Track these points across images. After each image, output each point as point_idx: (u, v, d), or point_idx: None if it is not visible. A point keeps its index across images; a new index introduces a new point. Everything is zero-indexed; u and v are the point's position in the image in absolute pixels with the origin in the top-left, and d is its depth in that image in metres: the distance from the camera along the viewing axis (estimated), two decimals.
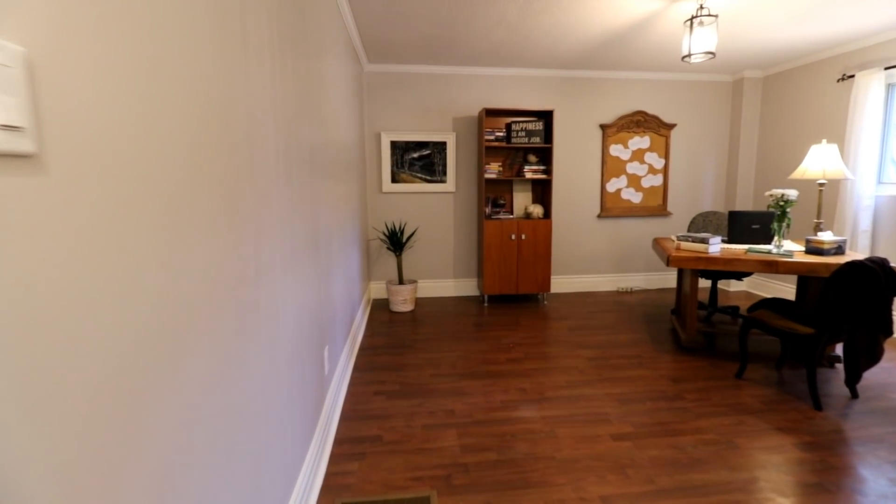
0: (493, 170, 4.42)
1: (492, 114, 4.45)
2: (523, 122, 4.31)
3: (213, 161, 0.93)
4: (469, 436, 2.15)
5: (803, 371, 2.93)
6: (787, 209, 2.96)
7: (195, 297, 0.84)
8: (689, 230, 4.11)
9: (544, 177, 4.40)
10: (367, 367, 2.95)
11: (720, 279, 3.94)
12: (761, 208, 4.84)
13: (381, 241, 4.56)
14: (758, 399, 2.56)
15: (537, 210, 4.45)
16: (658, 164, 4.92)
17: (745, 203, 4.96)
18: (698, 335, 3.23)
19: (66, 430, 0.52)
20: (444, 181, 4.61)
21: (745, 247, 3.24)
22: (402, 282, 4.25)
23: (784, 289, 4.57)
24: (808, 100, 4.26)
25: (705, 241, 3.04)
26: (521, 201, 4.67)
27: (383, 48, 3.90)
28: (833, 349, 3.05)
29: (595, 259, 5.01)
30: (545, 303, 4.54)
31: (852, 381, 2.47)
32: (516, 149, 4.58)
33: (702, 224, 4.11)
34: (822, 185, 3.22)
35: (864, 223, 3.67)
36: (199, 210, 0.86)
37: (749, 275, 4.02)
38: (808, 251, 3.01)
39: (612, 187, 4.89)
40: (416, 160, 4.55)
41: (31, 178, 0.49)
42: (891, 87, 3.66)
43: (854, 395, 2.59)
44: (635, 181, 4.92)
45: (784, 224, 2.98)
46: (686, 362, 3.06)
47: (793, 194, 2.92)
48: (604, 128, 4.77)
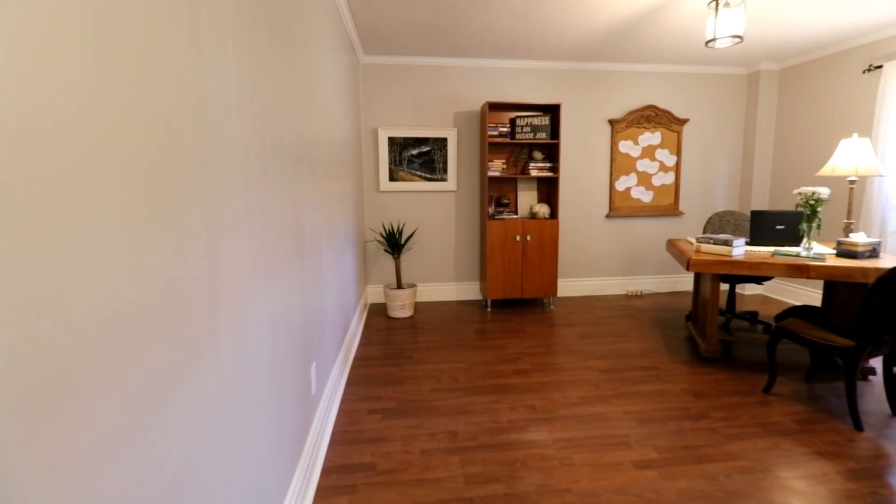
0: (497, 167, 4.19)
1: (495, 108, 4.21)
2: (528, 116, 4.08)
3: (133, 152, 0.70)
4: (474, 463, 1.92)
5: (836, 384, 2.70)
6: (818, 208, 2.72)
7: (88, 332, 0.61)
8: (704, 230, 3.88)
9: (550, 174, 4.17)
10: (362, 380, 2.72)
11: (739, 283, 3.70)
12: (778, 207, 4.60)
13: (379, 242, 4.33)
14: (790, 417, 2.33)
15: (543, 210, 4.22)
16: (669, 161, 4.69)
17: (760, 202, 4.72)
18: (717, 344, 3.00)
19: None
20: (444, 179, 4.37)
21: (771, 249, 3.01)
22: (400, 286, 4.02)
23: (806, 293, 4.33)
24: (829, 93, 4.02)
25: (728, 243, 2.81)
26: (526, 200, 4.44)
27: (380, 38, 3.67)
28: (867, 360, 2.81)
29: (603, 261, 4.78)
30: (551, 308, 4.30)
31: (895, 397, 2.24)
32: (521, 145, 4.35)
33: (718, 224, 3.87)
34: (852, 182, 2.98)
35: (893, 224, 3.44)
36: (96, 213, 0.63)
37: (770, 278, 3.79)
38: (840, 254, 2.77)
39: (621, 186, 4.65)
40: (416, 157, 4.32)
41: None
42: None
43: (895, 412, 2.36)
44: (645, 179, 4.69)
45: (814, 224, 2.75)
46: (707, 374, 2.83)
47: (824, 192, 2.69)
48: (613, 123, 4.53)
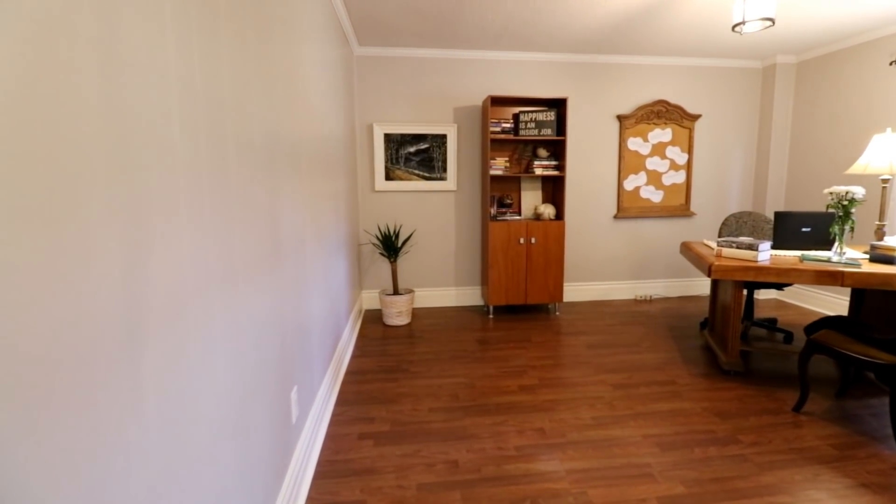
0: (499, 165, 3.95)
1: (498, 102, 3.98)
2: (533, 111, 3.85)
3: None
4: (478, 500, 1.69)
5: (871, 401, 2.47)
6: (852, 209, 2.49)
7: None
8: (720, 232, 3.65)
9: (556, 173, 3.94)
10: (354, 398, 2.49)
11: (759, 288, 3.47)
12: (794, 207, 4.37)
13: (374, 245, 4.09)
14: (827, 441, 2.10)
15: (548, 210, 3.98)
16: (681, 159, 4.46)
17: (776, 202, 4.50)
18: (738, 356, 2.77)
19: None
20: (444, 178, 4.14)
21: (797, 253, 2.78)
22: (397, 291, 3.79)
23: (827, 299, 4.10)
24: (851, 87, 3.79)
25: (753, 247, 2.58)
26: (531, 200, 4.20)
27: (375, 28, 3.44)
28: None
29: (611, 264, 4.55)
30: (557, 314, 4.07)
31: None
32: (525, 142, 4.12)
33: (735, 226, 3.64)
34: (885, 181, 2.75)
35: None
36: None
37: (791, 283, 3.56)
38: (874, 259, 2.55)
39: (629, 185, 4.42)
40: (413, 155, 4.08)
41: None
42: None
43: None
44: (655, 178, 4.45)
45: (847, 227, 2.52)
46: (729, 390, 2.60)
47: (859, 192, 2.46)
48: (621, 119, 4.30)
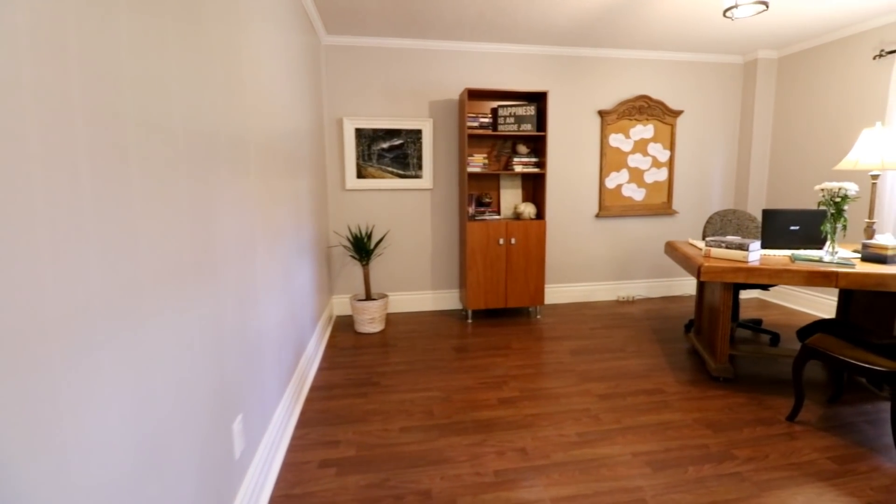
0: (478, 162, 3.76)
1: (475, 96, 3.79)
2: (512, 106, 3.66)
3: None
4: None
5: (865, 407, 2.36)
6: (844, 207, 2.38)
7: None
8: (705, 231, 3.53)
9: (536, 170, 3.76)
10: (317, 417, 2.25)
11: (745, 288, 3.37)
12: (776, 205, 4.31)
13: (345, 247, 3.85)
14: (825, 454, 1.97)
15: (529, 209, 3.81)
16: (663, 156, 4.34)
17: (757, 200, 4.43)
18: (727, 361, 2.65)
19: None
20: (419, 176, 3.93)
21: (787, 253, 2.66)
22: (369, 297, 3.55)
23: (811, 298, 4.04)
24: (833, 82, 3.73)
25: (743, 247, 2.44)
26: (510, 199, 4.02)
27: (344, 15, 3.20)
28: None
29: (593, 265, 4.41)
30: (538, 317, 3.90)
31: None
32: (504, 138, 3.93)
33: (719, 224, 3.53)
34: (875, 177, 2.66)
35: None
36: None
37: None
38: (866, 258, 2.44)
39: (611, 183, 4.29)
40: (386, 151, 3.85)
41: None
42: None
43: None
44: (637, 176, 4.33)
45: (839, 225, 2.40)
46: (719, 399, 2.46)
47: (852, 189, 2.35)
48: (602, 115, 4.16)
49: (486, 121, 3.70)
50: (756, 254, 2.48)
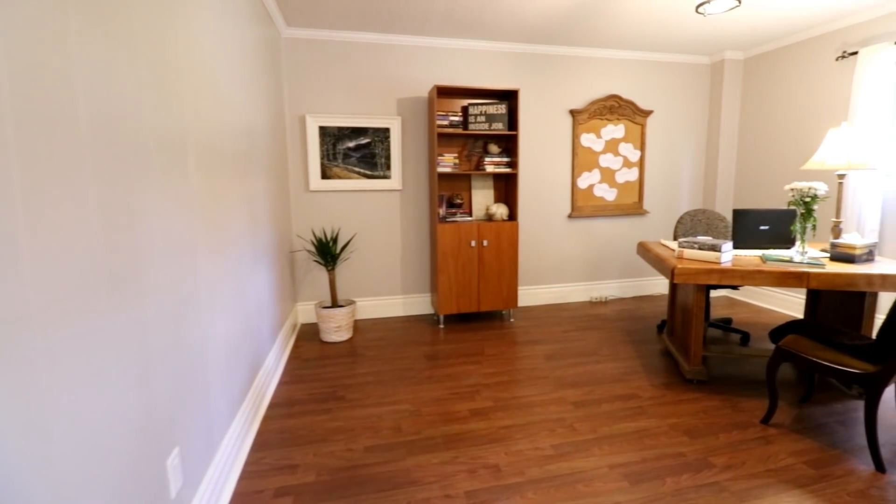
0: (448, 162, 3.64)
1: (445, 94, 3.67)
2: (483, 104, 3.56)
3: None
4: None
5: (835, 406, 2.36)
6: (813, 206, 2.37)
7: None
8: (675, 231, 3.52)
9: (508, 170, 3.67)
10: (275, 439, 2.08)
11: (715, 288, 3.36)
12: (743, 204, 4.36)
13: (309, 252, 3.66)
14: (801, 458, 1.93)
15: (501, 210, 3.72)
16: (633, 155, 4.33)
17: (725, 199, 4.47)
18: (701, 363, 2.61)
19: None
20: (387, 177, 3.78)
21: (758, 253, 2.65)
22: (335, 304, 3.38)
23: (779, 297, 4.09)
24: (798, 82, 3.78)
25: (716, 248, 2.40)
26: (482, 200, 3.92)
27: (305, 6, 3.02)
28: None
29: (565, 266, 4.35)
30: (512, 321, 3.81)
31: None
32: (475, 137, 3.83)
33: (690, 224, 3.52)
34: (841, 176, 2.67)
35: (872, 222, 3.20)
36: None
37: None
38: (835, 258, 2.44)
39: (583, 183, 4.24)
40: (353, 151, 3.69)
41: None
42: None
43: None
44: (609, 176, 4.30)
45: (809, 225, 2.39)
46: (694, 402, 2.41)
47: (822, 188, 2.34)
48: (574, 114, 4.11)
49: (457, 119, 3.58)
50: (729, 255, 2.44)
